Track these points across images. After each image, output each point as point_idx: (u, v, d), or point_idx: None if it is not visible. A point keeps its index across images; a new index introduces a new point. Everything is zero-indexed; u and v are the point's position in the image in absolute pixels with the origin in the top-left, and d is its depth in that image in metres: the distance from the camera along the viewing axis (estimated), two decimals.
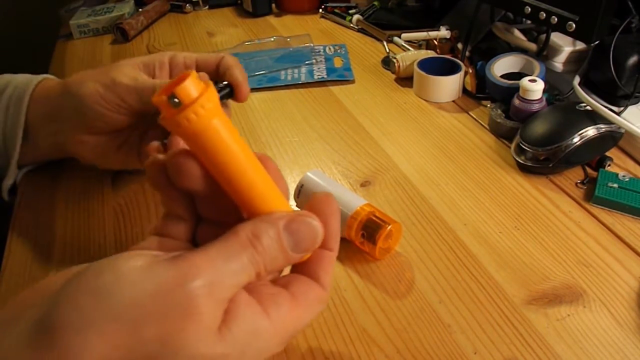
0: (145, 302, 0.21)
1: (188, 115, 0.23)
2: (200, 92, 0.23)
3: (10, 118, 0.48)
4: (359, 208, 0.41)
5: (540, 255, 0.41)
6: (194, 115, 0.23)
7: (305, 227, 0.26)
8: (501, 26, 0.67)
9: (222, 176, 0.25)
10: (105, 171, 0.53)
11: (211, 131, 0.24)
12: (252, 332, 0.24)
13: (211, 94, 0.24)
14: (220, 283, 0.23)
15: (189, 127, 0.23)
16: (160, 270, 0.22)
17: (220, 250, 0.24)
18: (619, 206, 0.45)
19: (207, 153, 0.25)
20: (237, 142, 0.25)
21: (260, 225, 0.25)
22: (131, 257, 0.23)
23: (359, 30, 0.85)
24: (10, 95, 0.48)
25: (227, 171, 0.25)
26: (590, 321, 0.36)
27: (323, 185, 0.44)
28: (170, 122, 0.23)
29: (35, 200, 0.50)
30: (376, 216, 0.40)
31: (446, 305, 0.37)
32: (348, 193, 0.43)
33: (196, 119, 0.23)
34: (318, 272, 0.28)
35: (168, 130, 0.24)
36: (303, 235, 0.26)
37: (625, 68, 0.51)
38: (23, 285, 0.41)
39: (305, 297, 0.27)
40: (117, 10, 0.93)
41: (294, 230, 0.26)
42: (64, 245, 0.45)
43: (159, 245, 0.27)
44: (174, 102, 0.23)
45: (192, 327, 0.22)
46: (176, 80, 0.24)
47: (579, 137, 0.47)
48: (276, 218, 0.26)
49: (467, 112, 0.61)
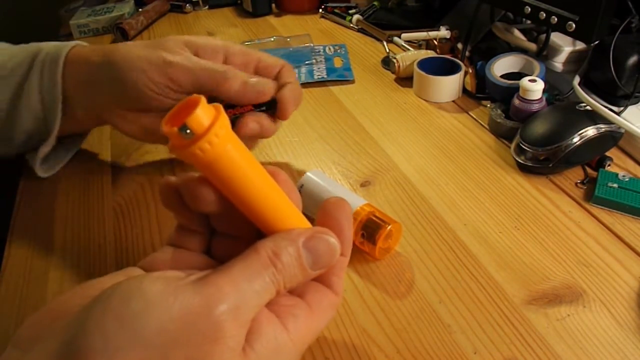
0: (172, 328, 0.21)
1: (202, 146, 0.22)
2: (212, 120, 0.22)
3: (47, 83, 0.44)
4: (359, 208, 0.41)
5: (540, 255, 0.41)
6: (208, 145, 0.22)
7: (323, 245, 0.26)
8: (501, 26, 0.67)
9: (236, 199, 0.25)
10: (105, 171, 0.53)
11: (225, 158, 0.23)
12: (274, 349, 0.24)
13: (223, 120, 0.23)
14: (244, 306, 0.23)
15: (203, 158, 0.22)
16: (186, 296, 0.22)
17: (242, 271, 0.24)
18: (618, 206, 0.45)
19: (221, 179, 0.24)
20: (250, 164, 0.24)
21: (280, 243, 0.25)
22: (157, 280, 0.23)
23: (359, 30, 0.85)
24: (43, 60, 0.45)
25: (242, 194, 0.25)
26: (590, 321, 0.36)
27: (323, 185, 0.43)
28: (182, 153, 0.23)
29: (35, 200, 0.50)
30: (376, 216, 0.40)
31: (446, 305, 0.37)
32: (348, 193, 0.43)
33: (210, 149, 0.22)
34: (331, 278, 0.28)
35: (180, 159, 0.24)
36: (322, 253, 0.26)
37: (625, 68, 0.51)
38: (23, 285, 0.41)
39: (319, 305, 0.27)
40: (117, 10, 0.93)
41: (313, 248, 0.26)
42: (64, 245, 0.45)
43: (173, 257, 0.28)
44: (186, 134, 0.22)
45: (218, 351, 0.22)
46: (184, 105, 0.23)
47: (579, 137, 0.47)
48: (295, 235, 0.26)
49: (467, 112, 0.61)
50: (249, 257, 0.24)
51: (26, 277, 0.42)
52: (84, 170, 0.53)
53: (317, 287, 0.28)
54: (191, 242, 0.28)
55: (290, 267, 0.25)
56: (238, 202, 0.25)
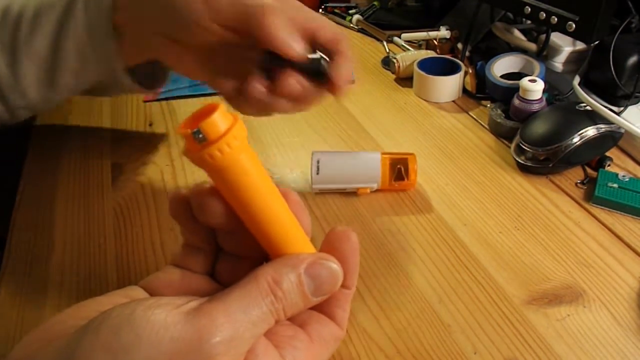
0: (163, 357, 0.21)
1: (212, 152, 0.22)
2: (228, 128, 0.22)
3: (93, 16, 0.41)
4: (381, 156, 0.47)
5: (540, 255, 0.41)
6: (219, 152, 0.22)
7: (326, 271, 0.26)
8: (501, 26, 0.67)
9: (243, 212, 0.25)
10: (105, 171, 0.53)
11: (235, 168, 0.23)
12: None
13: (239, 130, 0.23)
14: (239, 338, 0.22)
15: (212, 164, 0.22)
16: (178, 328, 0.21)
17: (239, 300, 0.23)
18: (618, 206, 0.45)
19: (230, 189, 0.24)
20: (261, 180, 0.24)
21: (281, 270, 0.25)
22: (149, 309, 0.22)
23: (359, 30, 0.85)
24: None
25: (249, 208, 0.24)
26: (590, 321, 0.36)
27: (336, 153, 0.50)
28: (193, 157, 0.23)
29: (36, 200, 0.50)
30: (394, 154, 0.48)
31: (446, 305, 0.37)
32: (362, 153, 0.49)
33: (221, 157, 0.22)
34: (335, 310, 0.27)
35: (192, 163, 0.23)
36: (324, 280, 0.26)
37: (625, 68, 0.51)
38: (23, 285, 0.41)
39: (321, 337, 0.26)
40: None
41: (315, 275, 0.25)
42: (64, 245, 0.45)
43: (175, 278, 0.27)
44: (199, 138, 0.22)
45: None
46: (204, 110, 0.23)
47: (579, 137, 0.47)
48: (298, 261, 0.25)
49: (467, 112, 0.61)
50: (248, 284, 0.24)
51: (26, 277, 0.42)
52: (84, 170, 0.53)
53: (319, 319, 0.27)
54: (195, 261, 0.28)
55: (291, 295, 0.24)
56: (244, 216, 0.25)
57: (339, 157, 0.48)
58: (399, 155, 0.48)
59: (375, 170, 0.46)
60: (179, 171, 0.52)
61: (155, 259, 0.43)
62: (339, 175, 0.47)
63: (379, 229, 0.44)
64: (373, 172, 0.47)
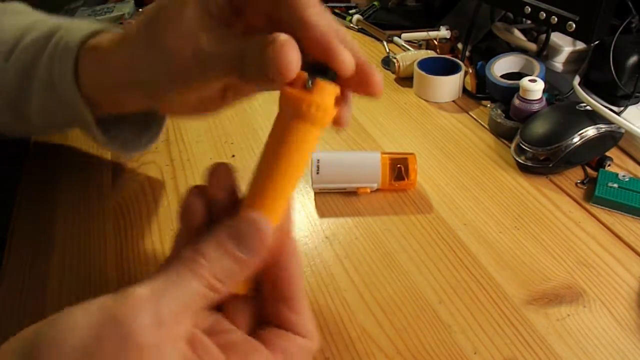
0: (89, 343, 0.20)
1: (311, 102, 0.24)
2: (330, 100, 0.25)
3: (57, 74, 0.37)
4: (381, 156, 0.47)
5: (540, 255, 0.41)
6: (314, 109, 0.25)
7: (244, 223, 0.25)
8: (501, 26, 0.67)
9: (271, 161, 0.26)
10: (105, 171, 0.53)
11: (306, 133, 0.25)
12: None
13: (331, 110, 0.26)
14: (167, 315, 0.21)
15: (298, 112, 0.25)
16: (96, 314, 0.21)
17: (165, 279, 0.22)
18: (618, 206, 0.45)
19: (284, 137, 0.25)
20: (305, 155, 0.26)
21: (200, 239, 0.24)
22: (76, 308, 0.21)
23: (359, 30, 0.85)
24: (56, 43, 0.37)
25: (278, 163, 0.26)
26: (590, 321, 0.36)
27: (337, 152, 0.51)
28: (289, 94, 0.25)
29: (35, 201, 0.50)
30: (394, 154, 0.48)
31: (446, 305, 0.37)
32: (362, 153, 0.50)
33: (307, 112, 0.25)
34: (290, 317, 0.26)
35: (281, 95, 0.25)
36: (244, 232, 0.24)
37: (625, 68, 0.51)
38: (23, 284, 0.41)
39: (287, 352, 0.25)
40: (117, 10, 0.93)
41: (234, 230, 0.24)
42: (64, 245, 0.45)
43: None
44: (308, 87, 0.24)
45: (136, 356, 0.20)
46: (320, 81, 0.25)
47: (579, 137, 0.47)
48: (217, 226, 0.25)
49: (467, 112, 0.61)
50: (172, 263, 0.23)
51: (26, 277, 0.42)
52: (84, 170, 0.53)
53: (278, 333, 0.26)
54: None
55: (216, 257, 0.23)
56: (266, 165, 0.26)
57: (339, 157, 0.48)
58: (399, 155, 0.48)
59: (375, 170, 0.47)
60: (179, 171, 0.52)
61: (155, 259, 0.43)
62: (339, 175, 0.47)
63: (379, 229, 0.44)
64: (373, 171, 0.47)
